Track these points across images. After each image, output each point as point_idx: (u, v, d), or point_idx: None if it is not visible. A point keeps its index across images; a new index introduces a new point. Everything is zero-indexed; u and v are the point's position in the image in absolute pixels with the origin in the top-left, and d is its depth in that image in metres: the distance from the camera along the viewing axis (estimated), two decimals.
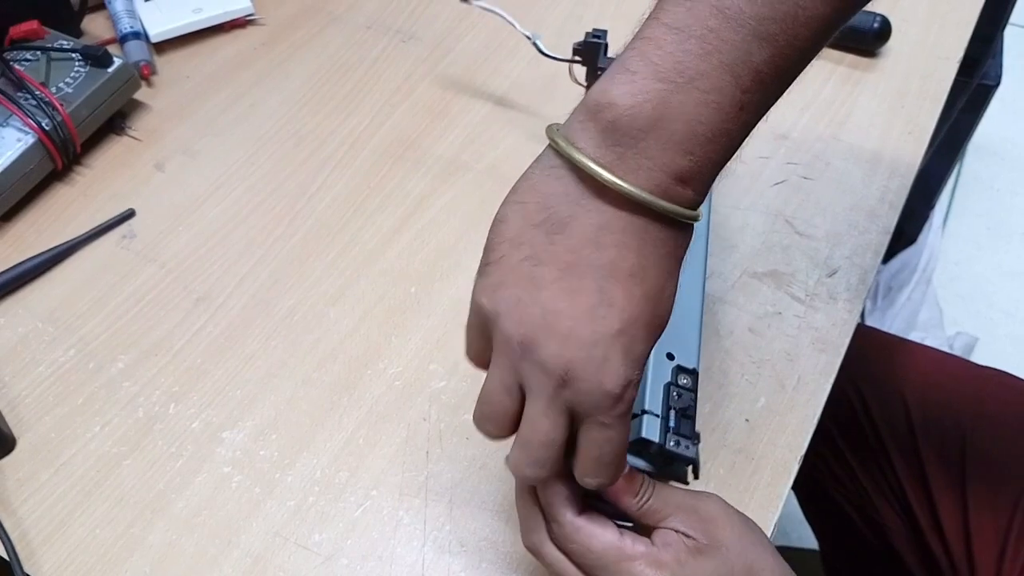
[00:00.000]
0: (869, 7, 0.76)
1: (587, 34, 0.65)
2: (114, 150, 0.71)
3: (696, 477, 0.46)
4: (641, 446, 0.44)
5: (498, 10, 0.68)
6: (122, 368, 0.58)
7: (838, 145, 0.71)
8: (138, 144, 0.71)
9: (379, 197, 0.68)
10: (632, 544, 0.40)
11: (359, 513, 0.52)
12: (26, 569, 0.49)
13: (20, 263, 0.62)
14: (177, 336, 0.60)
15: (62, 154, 0.66)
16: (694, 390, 0.46)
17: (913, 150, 0.71)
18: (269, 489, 0.53)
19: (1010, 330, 1.55)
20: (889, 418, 0.73)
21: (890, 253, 1.50)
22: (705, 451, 0.54)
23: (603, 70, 0.59)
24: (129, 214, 0.66)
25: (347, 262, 0.64)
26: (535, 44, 0.66)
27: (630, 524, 0.42)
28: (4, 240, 0.65)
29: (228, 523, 0.51)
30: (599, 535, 0.40)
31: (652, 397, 0.46)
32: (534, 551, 0.43)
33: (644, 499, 0.41)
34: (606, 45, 0.64)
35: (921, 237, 1.50)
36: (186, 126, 0.73)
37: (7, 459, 0.54)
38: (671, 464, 0.45)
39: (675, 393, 0.46)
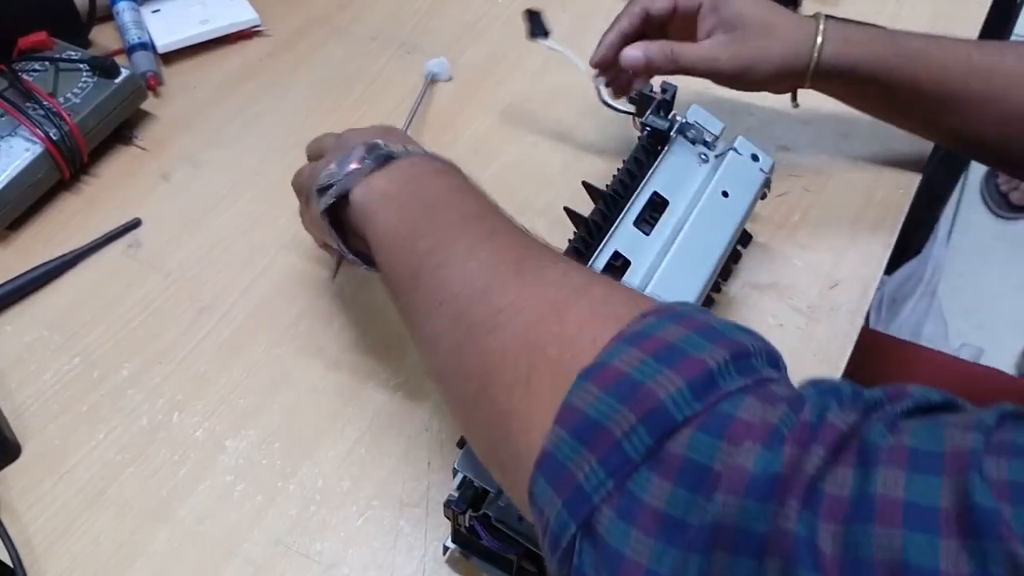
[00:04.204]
0: (869, 20, 0.77)
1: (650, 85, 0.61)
2: (121, 160, 0.72)
3: None
4: (517, 513, 0.44)
5: (565, 50, 0.65)
6: (126, 376, 0.58)
7: (840, 157, 0.71)
8: (145, 154, 0.72)
9: None
10: None
11: (360, 522, 0.52)
12: None
13: (27, 272, 0.62)
14: (181, 345, 0.60)
15: (69, 164, 0.67)
16: None
17: (915, 162, 0.71)
18: (271, 498, 0.53)
19: (1015, 342, 1.55)
20: None
21: (895, 264, 1.50)
22: None
23: (650, 127, 0.58)
24: (135, 223, 0.67)
25: (351, 272, 0.64)
26: (598, 89, 0.64)
27: None
28: (11, 249, 0.65)
29: (230, 531, 0.52)
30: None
31: None
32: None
33: None
34: (666, 101, 0.60)
35: (926, 248, 1.50)
36: (192, 136, 0.73)
37: (12, 466, 0.54)
38: None
39: None
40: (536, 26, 0.66)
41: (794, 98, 0.65)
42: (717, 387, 0.29)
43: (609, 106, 0.64)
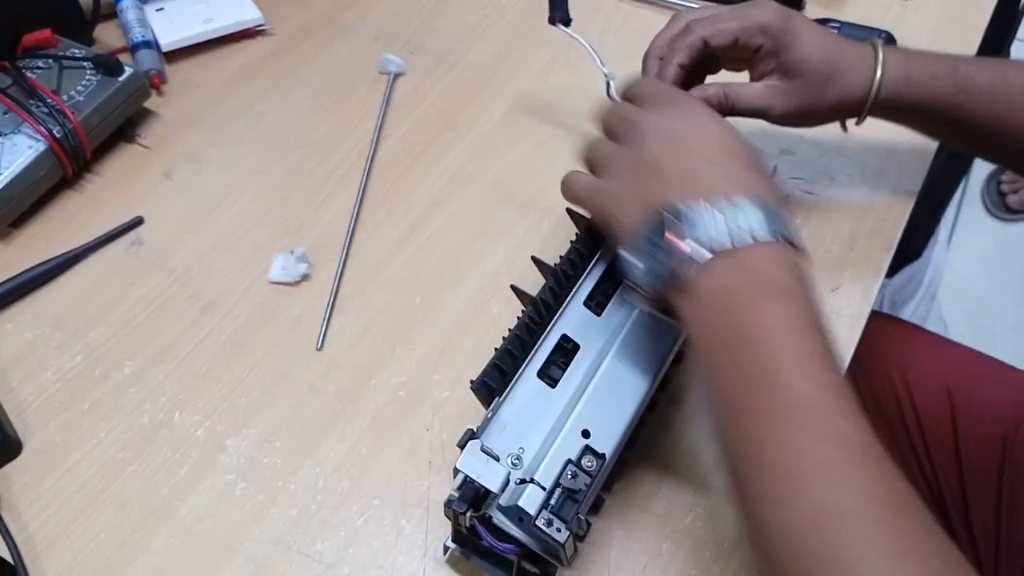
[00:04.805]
0: (873, 23, 0.77)
1: None
2: (124, 158, 0.72)
3: (563, 564, 0.45)
4: (517, 514, 0.43)
5: (582, 39, 0.63)
6: (128, 374, 0.58)
7: (842, 160, 0.71)
8: (147, 152, 0.72)
9: (385, 207, 0.68)
10: None
11: (361, 522, 0.52)
12: (30, 573, 0.49)
13: (29, 269, 0.62)
14: (183, 343, 0.60)
15: (72, 161, 0.67)
16: (595, 476, 0.44)
17: (917, 165, 0.71)
18: (272, 496, 0.53)
19: (1015, 346, 1.55)
20: (931, 410, 0.73)
21: (895, 268, 1.50)
22: (707, 467, 0.54)
23: None
24: (137, 221, 0.67)
25: (353, 271, 0.64)
26: (608, 83, 0.61)
27: None
28: (13, 246, 0.65)
29: (231, 530, 0.52)
30: None
31: (547, 468, 0.44)
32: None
33: None
34: None
35: (927, 252, 1.50)
36: (195, 135, 0.73)
37: (13, 463, 0.54)
38: (546, 541, 0.44)
39: (571, 472, 0.44)
40: (557, 9, 0.61)
41: (843, 126, 0.63)
42: None
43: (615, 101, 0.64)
